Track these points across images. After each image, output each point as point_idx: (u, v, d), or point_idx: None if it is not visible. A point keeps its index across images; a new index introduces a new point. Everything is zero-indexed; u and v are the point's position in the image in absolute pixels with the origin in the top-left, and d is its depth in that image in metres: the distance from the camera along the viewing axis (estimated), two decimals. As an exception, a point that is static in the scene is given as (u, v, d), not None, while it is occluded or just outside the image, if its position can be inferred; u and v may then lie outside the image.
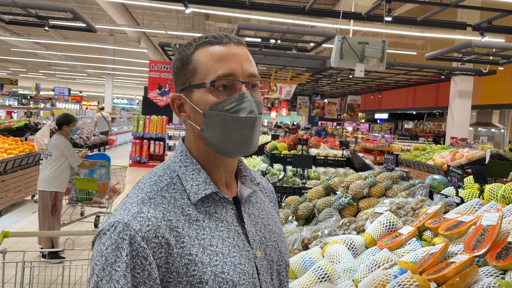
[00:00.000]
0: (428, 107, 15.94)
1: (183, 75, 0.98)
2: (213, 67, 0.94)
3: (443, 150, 9.40)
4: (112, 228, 0.85)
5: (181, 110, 1.01)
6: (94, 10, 15.66)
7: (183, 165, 0.98)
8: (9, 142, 7.19)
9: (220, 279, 0.89)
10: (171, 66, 1.06)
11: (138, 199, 0.90)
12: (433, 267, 1.65)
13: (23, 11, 7.64)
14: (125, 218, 0.86)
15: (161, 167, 1.00)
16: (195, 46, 0.97)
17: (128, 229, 0.84)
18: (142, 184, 0.95)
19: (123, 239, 0.83)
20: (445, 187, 2.96)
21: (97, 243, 0.87)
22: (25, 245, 5.07)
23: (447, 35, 10.08)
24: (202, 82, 0.94)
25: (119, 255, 0.83)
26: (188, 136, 1.03)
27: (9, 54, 23.00)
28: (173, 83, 1.03)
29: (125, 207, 0.89)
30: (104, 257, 0.83)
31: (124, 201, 0.93)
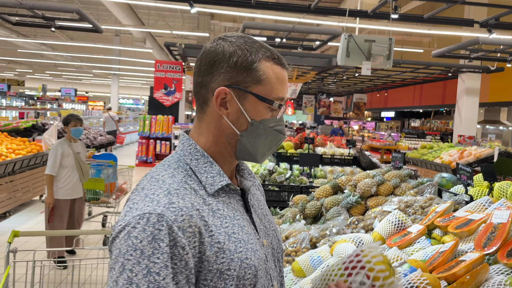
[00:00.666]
0: (435, 105, 15.84)
1: (242, 75, 0.97)
2: (277, 87, 1.00)
3: (450, 148, 9.35)
4: (143, 220, 0.83)
5: (221, 104, 0.99)
6: (100, 10, 15.72)
7: (194, 158, 1.00)
8: (17, 142, 7.24)
9: (245, 265, 0.92)
10: (219, 53, 0.98)
11: (163, 191, 0.89)
12: (443, 266, 1.64)
13: (30, 12, 7.68)
14: (157, 209, 0.85)
15: (172, 160, 1.01)
16: (261, 56, 0.99)
17: (163, 220, 0.83)
18: (160, 176, 0.94)
19: (159, 230, 0.82)
20: (453, 185, 2.94)
21: (124, 238, 0.83)
22: (34, 244, 5.10)
23: (454, 32, 10.01)
24: (268, 98, 0.99)
25: (157, 246, 0.82)
26: (202, 130, 1.03)
27: (16, 55, 23.16)
28: (213, 70, 0.99)
29: (151, 199, 0.87)
30: (139, 250, 0.81)
31: (142, 193, 0.91)
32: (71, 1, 13.54)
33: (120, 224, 0.86)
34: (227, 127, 1.00)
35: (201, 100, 1.02)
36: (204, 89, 1.00)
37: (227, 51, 0.98)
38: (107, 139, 11.05)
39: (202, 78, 1.00)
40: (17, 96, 26.05)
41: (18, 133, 9.02)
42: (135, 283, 0.80)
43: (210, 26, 16.39)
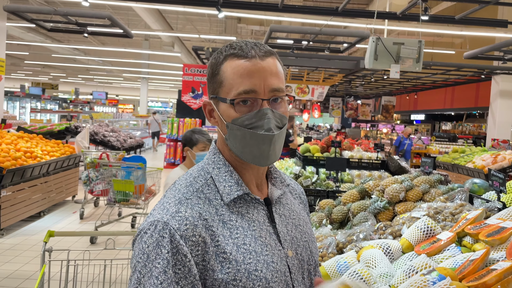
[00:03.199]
0: (467, 108, 15.40)
1: (213, 83, 1.02)
2: (236, 82, 0.96)
3: (483, 152, 9.06)
4: (152, 227, 0.89)
5: (211, 115, 1.06)
6: (130, 16, 16.10)
7: (216, 166, 1.03)
8: (51, 144, 7.50)
9: (254, 277, 0.92)
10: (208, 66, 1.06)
11: (175, 200, 0.95)
12: (473, 274, 1.60)
13: (64, 19, 7.96)
14: (164, 218, 0.90)
15: (196, 168, 1.05)
16: (224, 56, 0.99)
17: (167, 228, 0.88)
18: (179, 185, 1.00)
19: (163, 237, 0.87)
20: (485, 191, 2.86)
21: (138, 241, 0.91)
22: (66, 243, 5.27)
23: (487, 33, 9.72)
24: (224, 97, 0.99)
25: (160, 252, 0.86)
26: (219, 139, 1.09)
27: (50, 60, 23.99)
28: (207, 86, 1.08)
29: (163, 207, 0.93)
30: (146, 254, 0.87)
31: (162, 201, 0.97)
32: (103, 7, 13.94)
33: (139, 229, 0.94)
34: (221, 135, 1.05)
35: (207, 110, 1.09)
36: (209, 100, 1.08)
37: (211, 62, 1.03)
38: (136, 142, 11.29)
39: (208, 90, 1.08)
40: (51, 99, 26.94)
41: (52, 136, 9.35)
42: (142, 284, 0.86)
43: (237, 29, 16.52)
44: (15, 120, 10.34)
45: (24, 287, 4.16)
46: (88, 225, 6.34)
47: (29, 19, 7.96)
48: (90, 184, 6.29)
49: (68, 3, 12.87)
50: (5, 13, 8.57)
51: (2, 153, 5.88)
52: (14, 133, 7.38)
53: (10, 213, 5.73)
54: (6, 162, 5.69)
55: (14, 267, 4.63)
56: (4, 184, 5.57)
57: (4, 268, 4.58)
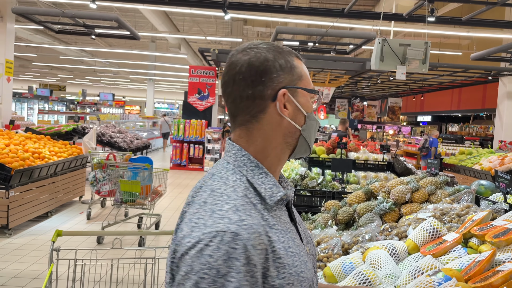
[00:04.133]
0: (474, 109, 15.30)
1: (289, 76, 1.02)
2: (309, 81, 1.08)
3: (490, 154, 9.01)
4: (216, 238, 0.83)
5: (283, 106, 1.03)
6: (137, 18, 16.21)
7: (249, 169, 0.99)
8: (59, 145, 7.56)
9: (301, 278, 0.94)
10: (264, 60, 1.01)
11: (231, 207, 0.89)
12: (480, 275, 1.60)
13: (72, 21, 8.04)
14: (231, 227, 0.84)
15: (228, 172, 0.99)
16: (293, 56, 1.06)
17: (238, 238, 0.83)
18: (222, 190, 0.93)
19: (234, 249, 0.82)
20: (492, 193, 2.85)
21: (197, 256, 0.83)
22: (73, 243, 5.31)
23: (494, 34, 9.67)
24: (311, 89, 1.07)
25: (233, 265, 0.82)
26: (255, 139, 1.03)
27: (58, 62, 24.19)
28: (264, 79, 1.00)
29: (220, 216, 0.87)
30: (215, 269, 0.81)
31: (208, 209, 0.90)
32: (110, 10, 14.04)
33: (189, 241, 0.86)
34: (287, 127, 1.03)
35: (254, 111, 1.01)
36: (258, 99, 1.00)
37: (270, 57, 1.01)
38: (143, 143, 11.35)
39: (253, 90, 1.00)
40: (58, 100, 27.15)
41: (60, 137, 9.43)
42: None
43: (243, 31, 16.56)
44: (23, 121, 10.44)
45: (32, 286, 4.20)
46: (95, 226, 6.38)
47: (37, 21, 8.05)
48: (97, 185, 6.33)
49: (76, 5, 12.98)
50: (14, 15, 8.66)
51: (10, 154, 5.94)
52: (22, 134, 7.46)
53: (18, 213, 5.79)
54: (15, 162, 5.75)
55: (21, 266, 4.68)
56: (12, 185, 5.62)
57: (12, 268, 4.63)
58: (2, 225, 5.60)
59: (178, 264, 0.87)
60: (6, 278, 4.36)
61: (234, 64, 1.02)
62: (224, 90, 1.05)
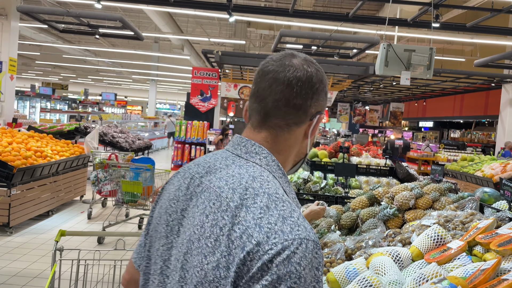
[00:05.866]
0: (476, 116, 15.29)
1: (324, 103, 1.07)
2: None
3: (492, 161, 8.99)
4: (301, 246, 0.82)
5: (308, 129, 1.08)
6: (141, 18, 16.24)
7: (278, 175, 1.00)
8: (61, 144, 7.57)
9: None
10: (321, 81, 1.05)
11: (298, 214, 0.89)
12: (485, 284, 1.59)
13: (76, 20, 8.04)
14: (311, 236, 0.84)
15: (270, 176, 0.97)
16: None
17: (317, 247, 0.84)
18: (280, 195, 0.91)
19: (315, 258, 0.83)
20: (496, 200, 2.85)
21: (285, 263, 0.80)
22: (75, 243, 5.31)
23: (497, 41, 9.68)
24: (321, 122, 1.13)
25: (315, 274, 0.82)
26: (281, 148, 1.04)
27: (60, 61, 24.23)
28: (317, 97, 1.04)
29: (295, 223, 0.85)
30: (303, 278, 0.80)
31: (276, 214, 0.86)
32: (114, 10, 14.07)
33: (271, 248, 0.81)
34: (304, 147, 1.08)
35: (291, 121, 1.02)
36: (301, 112, 1.02)
37: (324, 80, 1.06)
38: (145, 143, 11.35)
39: (303, 102, 1.01)
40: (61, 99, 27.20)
41: (62, 135, 9.44)
42: None
43: (247, 33, 16.58)
44: (26, 119, 10.46)
45: (33, 285, 4.19)
46: (95, 225, 6.38)
47: (42, 20, 8.06)
48: (98, 185, 6.33)
49: (81, 5, 13.01)
50: (18, 14, 8.68)
51: (12, 152, 5.94)
52: (24, 132, 7.46)
53: (19, 211, 5.79)
54: (17, 161, 5.75)
55: (22, 265, 4.68)
56: (14, 183, 5.62)
57: (12, 266, 4.63)
58: (3, 223, 5.60)
59: (255, 275, 0.80)
60: (7, 277, 4.35)
61: (295, 68, 1.01)
62: (268, 85, 1.01)
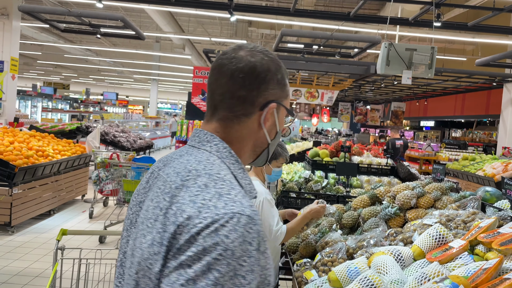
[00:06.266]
0: (478, 115, 15.26)
1: (281, 91, 1.07)
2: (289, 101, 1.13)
3: (494, 160, 8.98)
4: (232, 220, 0.80)
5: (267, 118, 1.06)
6: (142, 18, 16.24)
7: (231, 162, 0.99)
8: (62, 144, 7.57)
9: (273, 279, 0.93)
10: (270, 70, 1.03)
11: (238, 192, 0.88)
12: (487, 283, 1.59)
13: (77, 20, 8.05)
14: (246, 211, 0.83)
15: (217, 160, 0.97)
16: (287, 75, 1.11)
17: (252, 222, 0.82)
18: (222, 175, 0.91)
19: (249, 232, 0.81)
20: (498, 200, 2.84)
21: (212, 236, 0.79)
22: (76, 242, 5.31)
23: (499, 40, 9.66)
24: (291, 110, 1.12)
25: (246, 249, 0.80)
26: (232, 138, 1.03)
27: (62, 60, 24.24)
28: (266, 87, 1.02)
29: (230, 199, 0.84)
30: (230, 250, 0.78)
31: (213, 191, 0.86)
32: (115, 9, 14.08)
33: (200, 221, 0.80)
34: (261, 137, 1.07)
35: (239, 113, 1.01)
36: (248, 103, 1.01)
37: (272, 68, 1.04)
38: (146, 143, 11.36)
39: (248, 93, 1.00)
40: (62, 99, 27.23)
41: (64, 135, 9.45)
42: (220, 284, 0.76)
43: (248, 33, 16.57)
44: (27, 118, 10.47)
45: (34, 284, 4.20)
46: (97, 225, 6.39)
47: (43, 20, 8.06)
48: (100, 184, 6.34)
49: (82, 4, 13.02)
50: (20, 13, 8.69)
51: (14, 151, 5.95)
52: (26, 132, 7.47)
53: (21, 210, 5.80)
54: (18, 160, 5.76)
55: (24, 264, 4.68)
56: (16, 182, 5.63)
57: (14, 266, 4.64)
58: (4, 223, 5.61)
59: (182, 247, 0.80)
60: (8, 276, 4.36)
61: (237, 60, 1.00)
62: (215, 79, 1.03)
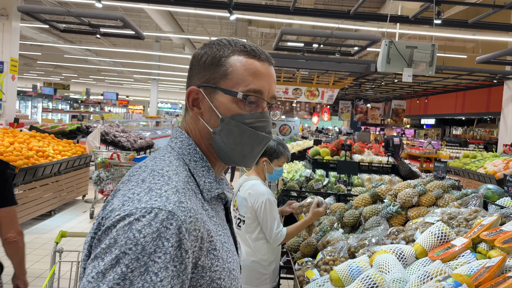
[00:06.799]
0: (478, 113, 15.24)
1: (210, 73, 0.97)
2: (246, 79, 0.96)
3: (495, 158, 8.96)
4: (149, 214, 0.77)
5: (194, 104, 0.99)
6: (142, 17, 16.22)
7: (192, 159, 0.96)
8: (63, 144, 7.57)
9: (232, 276, 0.92)
10: (194, 57, 1.01)
11: (171, 187, 0.84)
12: (490, 281, 1.58)
13: (77, 20, 8.04)
14: (168, 206, 0.79)
15: (172, 157, 0.95)
16: (231, 50, 0.97)
17: (173, 218, 0.78)
18: (164, 171, 0.88)
19: (167, 228, 0.76)
20: (500, 197, 2.83)
21: (124, 229, 0.76)
22: (76, 242, 5.31)
23: (499, 37, 9.63)
24: (233, 90, 0.95)
25: (161, 245, 0.75)
26: (193, 131, 1.01)
27: (62, 61, 24.23)
28: (191, 74, 1.01)
29: (158, 194, 0.81)
30: (141, 245, 0.74)
31: (145, 186, 0.83)
32: (115, 9, 14.06)
33: (118, 214, 0.78)
34: (203, 127, 0.99)
35: (186, 105, 1.02)
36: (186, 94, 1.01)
37: (199, 53, 1.00)
38: (146, 142, 11.35)
39: (186, 85, 1.03)
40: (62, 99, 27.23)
41: (64, 135, 9.44)
42: (129, 279, 0.72)
43: (247, 32, 16.56)
44: (27, 119, 10.46)
45: (35, 285, 4.19)
46: (98, 225, 6.38)
47: (43, 20, 8.05)
48: (100, 184, 6.33)
49: (81, 4, 13.00)
50: (19, 14, 8.68)
51: (14, 152, 5.94)
52: (26, 132, 7.46)
53: (21, 211, 5.79)
54: (19, 161, 5.75)
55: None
56: (16, 183, 5.62)
57: (15, 266, 4.62)
58: (5, 223, 5.59)
59: (100, 238, 0.78)
60: (9, 276, 4.35)
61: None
62: None
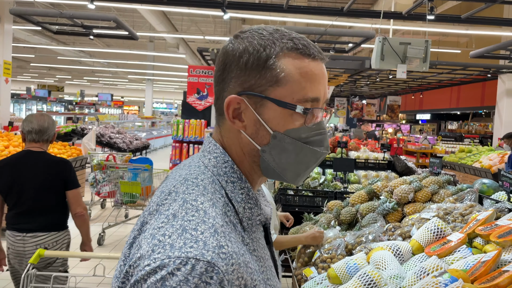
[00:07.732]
0: (473, 107, 15.32)
1: (255, 78, 0.77)
2: (302, 86, 0.78)
3: (490, 152, 9.01)
4: (185, 267, 0.64)
5: (235, 116, 0.80)
6: (135, 18, 16.17)
7: (229, 180, 0.80)
8: (58, 147, 7.54)
9: None
10: (229, 53, 0.80)
11: (208, 227, 0.69)
12: (486, 276, 1.59)
13: (70, 21, 8.00)
14: (206, 255, 0.65)
15: (206, 179, 0.79)
16: (278, 50, 0.78)
17: (214, 271, 0.64)
18: (199, 203, 0.73)
19: (207, 283, 0.64)
20: (495, 192, 2.85)
21: (156, 286, 0.64)
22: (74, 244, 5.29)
23: (493, 32, 9.67)
24: (288, 102, 0.77)
25: None
26: (233, 146, 0.83)
27: (56, 62, 24.13)
28: (225, 76, 0.81)
29: (194, 237, 0.67)
30: None
31: (178, 225, 0.69)
32: (108, 10, 14.01)
33: (148, 264, 0.65)
34: (247, 143, 0.81)
35: (218, 112, 0.84)
36: (219, 100, 0.83)
37: (237, 50, 0.79)
38: (142, 143, 11.34)
39: (217, 87, 0.83)
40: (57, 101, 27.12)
41: (59, 138, 9.41)
42: None
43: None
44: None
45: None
46: (95, 227, 6.36)
47: (35, 22, 8.01)
48: (97, 186, 6.32)
49: (74, 6, 12.95)
50: (11, 16, 8.63)
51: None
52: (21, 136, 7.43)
53: (18, 215, 5.76)
54: (14, 164, 5.72)
55: (22, 269, 4.65)
56: (12, 186, 5.59)
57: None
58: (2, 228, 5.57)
59: None
60: (7, 281, 4.34)
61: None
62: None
